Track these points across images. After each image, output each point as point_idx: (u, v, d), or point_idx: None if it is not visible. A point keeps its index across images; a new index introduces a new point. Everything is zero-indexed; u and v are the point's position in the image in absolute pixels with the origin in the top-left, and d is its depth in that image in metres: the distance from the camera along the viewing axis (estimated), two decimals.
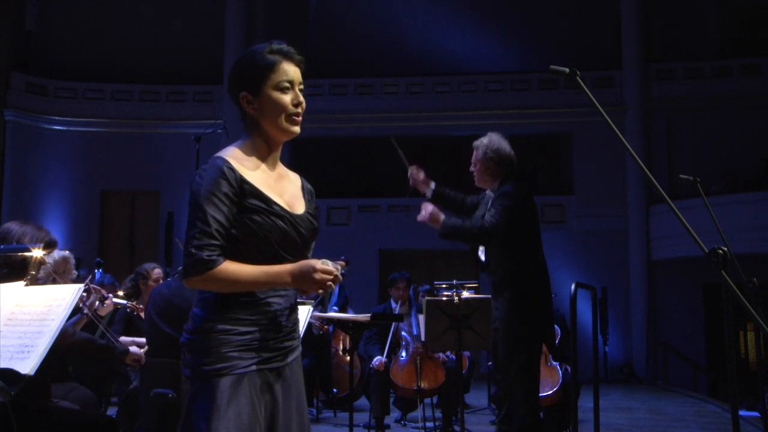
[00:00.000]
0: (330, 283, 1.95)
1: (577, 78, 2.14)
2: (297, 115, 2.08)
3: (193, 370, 1.96)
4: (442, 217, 4.02)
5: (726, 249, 2.08)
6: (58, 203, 14.86)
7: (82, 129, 15.19)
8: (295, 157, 13.72)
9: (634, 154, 2.11)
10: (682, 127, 14.47)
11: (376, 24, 15.95)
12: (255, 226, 1.97)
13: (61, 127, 15.15)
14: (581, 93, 2.16)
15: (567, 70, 2.17)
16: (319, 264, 1.95)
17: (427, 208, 4.06)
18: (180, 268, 4.78)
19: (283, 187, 2.10)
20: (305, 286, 1.96)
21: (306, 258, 2.08)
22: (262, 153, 2.09)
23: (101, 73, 15.30)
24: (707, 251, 2.06)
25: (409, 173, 4.32)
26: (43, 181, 14.78)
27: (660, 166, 13.94)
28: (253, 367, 1.96)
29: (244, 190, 1.98)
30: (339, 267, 1.98)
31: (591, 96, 2.16)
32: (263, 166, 2.08)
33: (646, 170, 2.22)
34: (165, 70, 15.44)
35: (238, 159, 2.03)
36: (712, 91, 14.35)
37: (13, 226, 2.83)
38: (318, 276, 1.93)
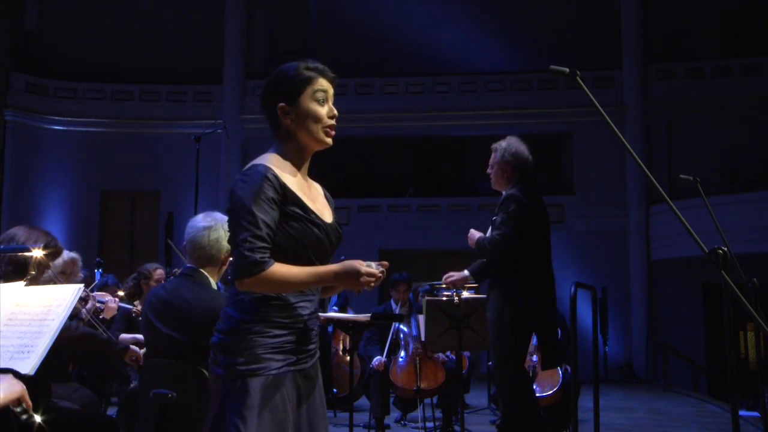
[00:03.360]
0: (372, 283, 2.02)
1: (577, 78, 2.14)
2: (331, 127, 2.14)
3: (227, 370, 2.01)
4: (476, 237, 4.27)
5: (726, 249, 2.08)
6: (58, 203, 14.84)
7: (82, 129, 15.18)
8: None
9: (634, 154, 2.11)
10: (682, 127, 14.46)
11: (376, 24, 15.92)
12: (294, 232, 2.03)
13: (61, 127, 15.14)
14: (581, 93, 2.16)
15: (567, 70, 2.17)
16: (363, 265, 2.01)
17: (472, 237, 4.30)
18: (176, 270, 4.80)
19: (314, 196, 2.17)
20: (349, 285, 2.04)
21: (329, 263, 2.16)
22: (296, 163, 2.14)
23: (101, 73, 15.29)
24: (707, 251, 2.06)
25: (444, 282, 4.51)
26: (43, 181, 14.77)
27: (660, 166, 13.93)
28: (286, 369, 2.02)
29: (287, 197, 2.03)
30: (382, 268, 2.05)
31: (591, 96, 2.16)
32: (298, 175, 2.14)
33: (646, 170, 2.22)
34: (165, 70, 15.43)
35: (277, 167, 2.07)
36: (712, 91, 14.32)
37: (20, 231, 2.81)
38: (363, 278, 2.00)
